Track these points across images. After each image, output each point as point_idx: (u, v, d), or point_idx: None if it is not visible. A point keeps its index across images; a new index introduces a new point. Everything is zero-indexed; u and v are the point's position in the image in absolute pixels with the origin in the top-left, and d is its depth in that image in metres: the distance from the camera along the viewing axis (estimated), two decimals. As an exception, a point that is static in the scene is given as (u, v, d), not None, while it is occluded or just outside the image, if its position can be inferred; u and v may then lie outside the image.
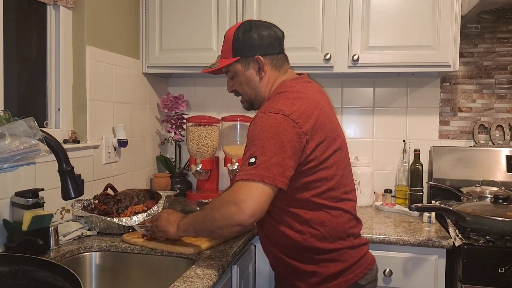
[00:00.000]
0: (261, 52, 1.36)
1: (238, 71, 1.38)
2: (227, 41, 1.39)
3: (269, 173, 1.16)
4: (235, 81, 1.42)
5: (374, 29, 2.04)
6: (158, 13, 2.24)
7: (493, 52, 2.30)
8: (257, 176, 1.16)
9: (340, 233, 1.32)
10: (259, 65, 1.36)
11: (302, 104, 1.26)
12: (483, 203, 1.86)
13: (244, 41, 1.35)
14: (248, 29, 1.36)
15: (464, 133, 2.35)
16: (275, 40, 1.38)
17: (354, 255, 1.35)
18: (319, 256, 1.31)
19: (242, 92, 1.42)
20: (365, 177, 2.27)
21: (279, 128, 1.20)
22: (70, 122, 1.84)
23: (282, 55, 1.41)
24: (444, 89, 2.36)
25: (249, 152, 1.21)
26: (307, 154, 1.24)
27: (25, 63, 1.71)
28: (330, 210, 1.30)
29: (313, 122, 1.25)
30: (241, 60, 1.37)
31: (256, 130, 1.22)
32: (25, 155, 1.11)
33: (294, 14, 2.09)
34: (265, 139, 1.19)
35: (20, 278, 1.06)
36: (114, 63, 2.03)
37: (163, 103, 2.44)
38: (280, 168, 1.18)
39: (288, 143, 1.19)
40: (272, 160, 1.17)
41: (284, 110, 1.23)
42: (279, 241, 1.36)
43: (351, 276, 1.33)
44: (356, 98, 2.44)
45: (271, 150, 1.18)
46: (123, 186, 2.05)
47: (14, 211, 1.42)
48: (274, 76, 1.39)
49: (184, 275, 1.23)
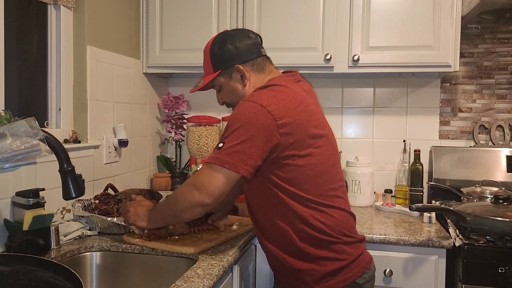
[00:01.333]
0: (240, 60, 1.38)
1: (222, 83, 1.43)
2: (206, 57, 1.43)
3: (230, 159, 1.21)
4: (222, 93, 1.46)
5: (375, 29, 2.05)
6: (159, 13, 2.24)
7: (493, 52, 2.30)
8: (219, 161, 1.22)
9: (335, 230, 1.33)
10: (240, 73, 1.39)
11: (285, 98, 1.28)
12: (483, 203, 1.86)
13: (221, 54, 1.39)
14: (222, 40, 1.40)
15: (464, 133, 2.35)
16: (252, 45, 1.41)
17: (351, 253, 1.35)
18: (316, 254, 1.32)
19: (231, 102, 1.46)
20: (365, 177, 2.27)
21: (252, 117, 1.23)
22: (71, 122, 1.84)
23: (262, 57, 1.43)
24: (444, 89, 2.36)
25: (222, 137, 1.27)
26: (284, 148, 1.26)
27: (25, 63, 1.71)
28: (322, 207, 1.32)
29: (293, 118, 1.26)
30: (223, 73, 1.41)
31: (232, 117, 1.28)
32: (26, 155, 1.11)
33: (295, 14, 2.10)
34: (235, 125, 1.24)
35: (21, 278, 1.06)
36: (115, 63, 2.04)
37: (163, 103, 2.44)
38: (243, 156, 1.22)
39: (258, 133, 1.22)
40: (236, 147, 1.22)
41: (262, 101, 1.25)
42: (275, 239, 1.37)
43: (349, 275, 1.33)
44: (357, 98, 2.44)
45: (237, 137, 1.22)
46: (123, 186, 2.05)
47: (15, 210, 1.42)
48: (258, 79, 1.40)
49: (185, 275, 1.23)
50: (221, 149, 1.23)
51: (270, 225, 1.36)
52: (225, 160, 1.22)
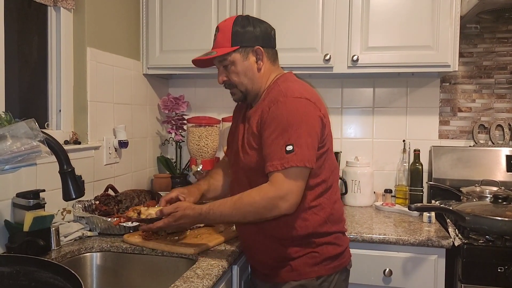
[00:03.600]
0: (261, 43, 1.39)
1: (236, 60, 1.38)
2: (224, 32, 1.38)
3: (308, 157, 1.25)
4: (230, 71, 1.40)
5: (374, 29, 2.05)
6: (159, 15, 2.25)
7: (492, 52, 2.30)
8: (299, 161, 1.23)
9: (336, 218, 1.42)
10: (257, 55, 1.39)
11: (313, 91, 1.37)
12: (482, 203, 1.86)
13: (244, 31, 1.37)
14: (246, 22, 1.39)
15: (464, 133, 2.35)
16: (270, 35, 1.44)
17: (345, 240, 1.46)
18: (319, 240, 1.37)
19: (237, 82, 1.40)
20: (365, 177, 2.28)
21: (306, 112, 1.28)
22: (71, 123, 1.85)
23: (275, 50, 1.47)
24: (443, 89, 2.36)
25: (283, 139, 1.25)
26: (323, 137, 1.33)
27: (26, 65, 1.72)
28: (328, 195, 1.39)
29: (324, 109, 1.36)
30: (240, 50, 1.38)
31: (284, 116, 1.26)
32: (26, 156, 1.12)
33: (294, 14, 2.10)
34: (296, 123, 1.25)
35: (21, 278, 1.06)
36: (115, 65, 2.04)
37: (163, 104, 2.45)
38: (313, 150, 1.27)
39: (315, 125, 1.29)
40: (308, 143, 1.25)
41: (304, 94, 1.31)
42: (278, 232, 1.37)
43: (343, 260, 1.43)
44: (356, 98, 2.44)
45: (305, 135, 1.25)
46: (123, 186, 2.06)
47: (15, 212, 1.43)
48: (269, 69, 1.42)
49: (185, 275, 1.23)
50: (295, 151, 1.23)
51: (278, 221, 1.32)
52: (306, 159, 1.24)
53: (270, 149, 1.27)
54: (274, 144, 1.26)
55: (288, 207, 1.24)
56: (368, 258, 1.77)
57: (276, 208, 1.24)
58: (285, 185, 1.23)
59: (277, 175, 1.24)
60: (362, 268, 1.76)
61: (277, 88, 1.36)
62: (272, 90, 1.37)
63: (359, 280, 1.76)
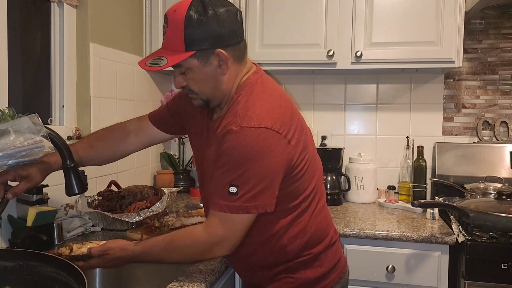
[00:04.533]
0: (223, 43, 1.08)
1: (193, 67, 1.09)
2: (175, 27, 1.05)
3: (255, 202, 1.05)
4: (187, 77, 1.12)
5: (378, 25, 2.04)
6: (161, 10, 2.24)
7: (497, 48, 2.29)
8: (241, 209, 1.05)
9: (321, 233, 1.24)
10: (220, 59, 1.09)
11: (280, 105, 1.12)
12: (486, 200, 1.86)
13: (200, 28, 1.05)
14: (202, 10, 1.04)
15: (468, 129, 2.34)
16: (235, 24, 1.10)
17: (331, 258, 1.26)
18: (296, 263, 1.21)
19: (197, 90, 1.14)
20: (368, 173, 2.27)
21: (263, 147, 1.04)
22: (74, 119, 1.85)
23: (243, 42, 1.15)
24: (447, 85, 2.35)
25: (228, 177, 1.05)
26: (294, 162, 1.12)
27: (29, 61, 1.72)
28: (310, 211, 1.21)
29: (295, 124, 1.13)
30: (198, 55, 1.07)
31: (234, 152, 1.04)
32: (29, 152, 1.12)
33: (297, 10, 2.09)
34: (247, 163, 1.03)
35: (24, 273, 1.06)
36: (118, 60, 2.04)
37: (166, 100, 2.44)
38: (267, 192, 1.06)
39: (275, 161, 1.05)
40: (258, 187, 1.04)
41: (265, 119, 1.05)
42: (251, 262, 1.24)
43: (327, 282, 1.24)
44: (360, 94, 2.43)
45: (256, 176, 1.04)
46: (126, 182, 2.06)
47: (18, 207, 1.43)
48: (236, 70, 1.14)
49: (187, 270, 1.23)
50: (239, 195, 1.04)
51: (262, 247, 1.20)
52: (251, 205, 1.05)
53: (215, 182, 1.09)
54: (219, 180, 1.07)
55: (223, 252, 1.10)
56: (371, 255, 1.77)
57: (210, 253, 1.11)
58: (219, 231, 1.07)
59: (214, 218, 1.08)
60: (365, 264, 1.76)
61: (237, 106, 1.11)
62: (233, 105, 1.13)
63: (362, 277, 1.76)
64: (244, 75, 1.17)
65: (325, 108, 2.47)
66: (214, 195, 1.08)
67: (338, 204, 2.22)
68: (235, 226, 1.08)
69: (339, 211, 2.07)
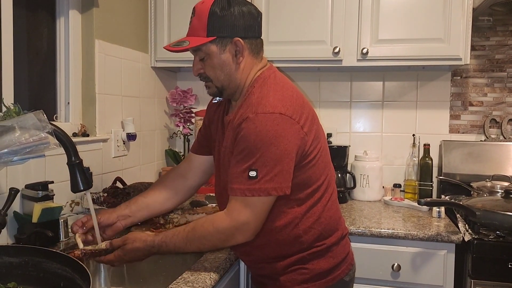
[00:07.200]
0: (241, 34, 1.19)
1: (211, 53, 1.20)
2: (200, 17, 1.19)
3: (274, 184, 1.10)
4: (205, 64, 1.23)
5: (384, 21, 2.02)
6: (167, 7, 2.24)
7: (505, 45, 2.27)
8: (262, 191, 1.10)
9: (333, 225, 1.28)
10: (237, 48, 1.20)
11: (292, 95, 1.19)
12: (493, 198, 1.84)
13: (222, 18, 1.17)
14: (226, 5, 1.17)
15: (475, 127, 2.32)
16: (255, 21, 1.22)
17: (342, 250, 1.31)
18: (311, 254, 1.25)
19: (213, 76, 1.23)
20: (374, 171, 2.26)
21: (278, 131, 1.10)
22: (80, 115, 1.85)
23: (260, 39, 1.26)
24: (454, 82, 2.33)
25: (247, 162, 1.11)
26: (307, 149, 1.17)
27: (35, 57, 1.72)
28: (322, 202, 1.25)
29: (306, 113, 1.19)
30: (217, 41, 1.18)
31: (251, 137, 1.11)
32: (35, 148, 1.12)
33: (303, 7, 2.08)
34: (264, 146, 1.09)
35: (30, 269, 1.07)
36: (123, 57, 2.04)
37: (171, 97, 2.45)
38: (285, 175, 1.12)
39: (290, 145, 1.11)
40: (276, 169, 1.10)
41: (278, 106, 1.13)
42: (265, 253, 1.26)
43: (339, 272, 1.28)
44: (366, 92, 2.42)
45: (273, 159, 1.10)
46: (132, 179, 2.06)
47: (24, 203, 1.44)
48: (251, 63, 1.23)
49: (192, 267, 1.23)
50: (258, 178, 1.09)
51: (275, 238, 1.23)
52: (270, 187, 1.10)
53: (233, 170, 1.14)
54: (237, 166, 1.13)
55: (245, 238, 1.14)
56: (376, 253, 1.76)
57: (232, 239, 1.14)
58: (242, 215, 1.12)
59: (235, 203, 1.12)
60: (370, 262, 1.75)
61: (252, 96, 1.18)
62: (248, 97, 1.20)
63: (368, 275, 1.75)
64: (259, 70, 1.25)
65: (331, 106, 2.46)
66: (233, 182, 1.13)
67: (344, 202, 2.21)
68: (257, 209, 1.12)
69: (345, 209, 2.06)
